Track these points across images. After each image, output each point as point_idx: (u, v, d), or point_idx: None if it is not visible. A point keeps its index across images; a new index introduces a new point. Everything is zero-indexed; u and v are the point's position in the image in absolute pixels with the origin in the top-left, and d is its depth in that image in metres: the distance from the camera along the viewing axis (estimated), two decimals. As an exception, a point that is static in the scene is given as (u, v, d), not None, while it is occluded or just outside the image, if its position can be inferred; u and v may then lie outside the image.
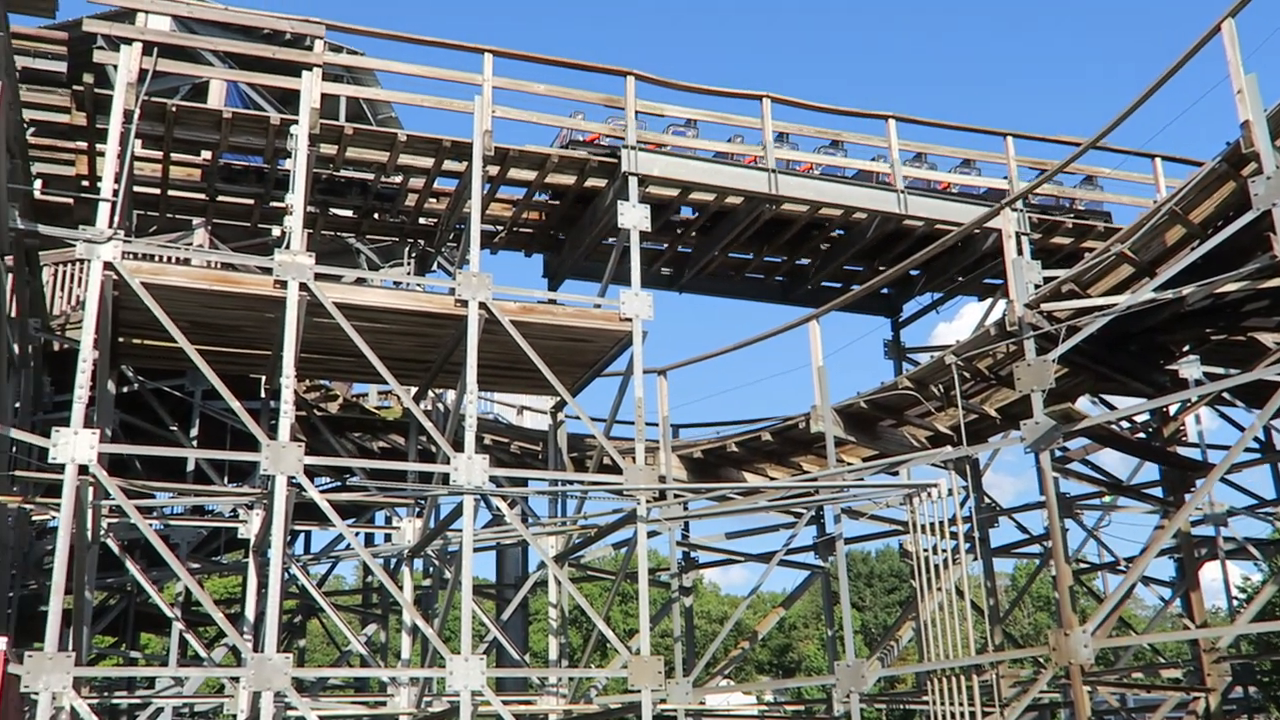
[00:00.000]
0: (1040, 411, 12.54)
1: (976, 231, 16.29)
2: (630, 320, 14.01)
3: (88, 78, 13.56)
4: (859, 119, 17.16)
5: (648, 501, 13.55)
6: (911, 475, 15.00)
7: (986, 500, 18.15)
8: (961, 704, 13.15)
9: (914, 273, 18.98)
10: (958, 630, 13.39)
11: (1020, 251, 13.91)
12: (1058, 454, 16.71)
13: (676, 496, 16.23)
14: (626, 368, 14.50)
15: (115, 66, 12.93)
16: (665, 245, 18.04)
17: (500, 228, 16.98)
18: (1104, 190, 18.41)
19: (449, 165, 15.07)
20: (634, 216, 14.52)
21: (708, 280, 19.25)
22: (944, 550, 13.84)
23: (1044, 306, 12.90)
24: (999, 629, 17.29)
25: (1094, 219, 18.05)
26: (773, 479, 17.72)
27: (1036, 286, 13.17)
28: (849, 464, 16.30)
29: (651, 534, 14.67)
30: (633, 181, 14.80)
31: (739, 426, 18.47)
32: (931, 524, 14.02)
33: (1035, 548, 19.68)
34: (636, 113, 15.20)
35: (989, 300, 19.63)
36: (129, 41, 13.04)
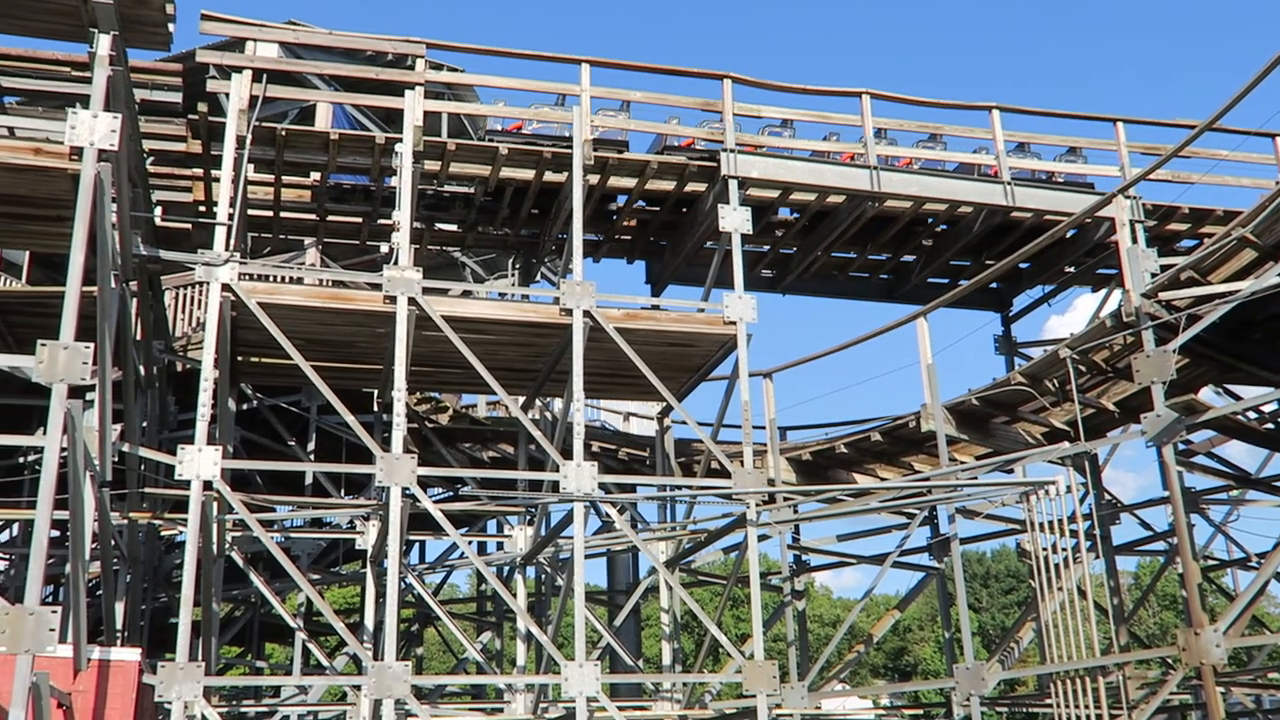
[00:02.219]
0: (1161, 404, 12.15)
1: (1088, 221, 15.86)
2: (734, 324, 13.97)
3: (202, 107, 14.03)
4: (960, 111, 16.85)
5: (757, 505, 13.48)
6: (1027, 473, 14.65)
7: (1107, 497, 17.66)
8: (1087, 707, 12.80)
9: (1023, 265, 18.56)
10: (1081, 631, 13.03)
11: (1135, 240, 13.52)
12: (1181, 447, 16.14)
13: (786, 499, 16.12)
14: (732, 371, 14.45)
15: (227, 95, 13.37)
16: (767, 247, 17.94)
17: (602, 236, 17.08)
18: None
19: (549, 176, 15.20)
20: (735, 219, 14.47)
21: (811, 281, 19.09)
22: (1064, 549, 13.49)
23: (1162, 295, 12.50)
24: (1124, 629, 16.78)
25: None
26: (883, 480, 17.48)
27: (1153, 275, 12.77)
28: (962, 463, 15.98)
29: (762, 538, 14.63)
30: (732, 185, 14.76)
31: (847, 427, 18.27)
32: (1050, 522, 13.69)
33: (1160, 545, 19.06)
34: (734, 115, 15.17)
35: (1103, 291, 19.08)
36: (239, 70, 13.48)
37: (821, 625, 59.59)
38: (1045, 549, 13.65)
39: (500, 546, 17.88)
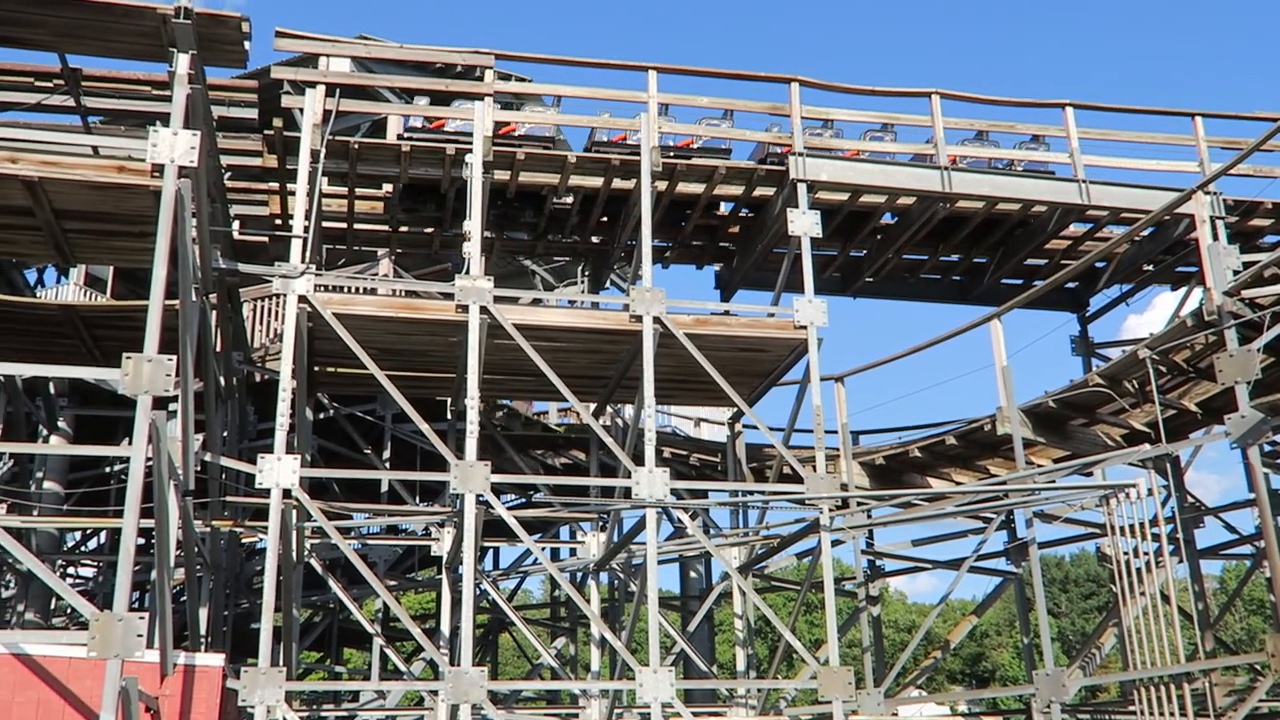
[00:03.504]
0: (1246, 404, 11.86)
1: (1167, 218, 15.53)
2: (804, 328, 13.91)
3: (277, 122, 14.32)
4: (1032, 109, 16.59)
5: (830, 510, 13.40)
6: (1107, 476, 14.38)
7: (1190, 499, 17.25)
8: (1172, 714, 12.52)
9: (1100, 264, 18.23)
10: (1164, 636, 12.75)
11: (1215, 236, 13.22)
12: (1267, 448, 15.72)
13: (859, 504, 16.00)
14: (803, 375, 14.38)
15: (301, 110, 13.62)
16: (837, 250, 17.83)
17: (671, 242, 17.10)
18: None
19: (618, 183, 15.26)
20: (804, 223, 14.41)
21: (882, 283, 18.92)
22: (1145, 553, 13.22)
23: (1245, 293, 12.20)
24: (1210, 634, 16.39)
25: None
26: (958, 484, 17.27)
27: (1235, 272, 12.47)
28: (1039, 466, 15.73)
29: (835, 543, 14.53)
30: (801, 188, 14.70)
31: (921, 431, 18.06)
32: (1131, 526, 13.42)
33: (1246, 548, 18.56)
34: (802, 118, 15.10)
35: (1183, 289, 18.67)
36: (313, 85, 13.73)
37: (896, 631, 58.99)
38: (1126, 553, 13.38)
39: (573, 552, 17.95)
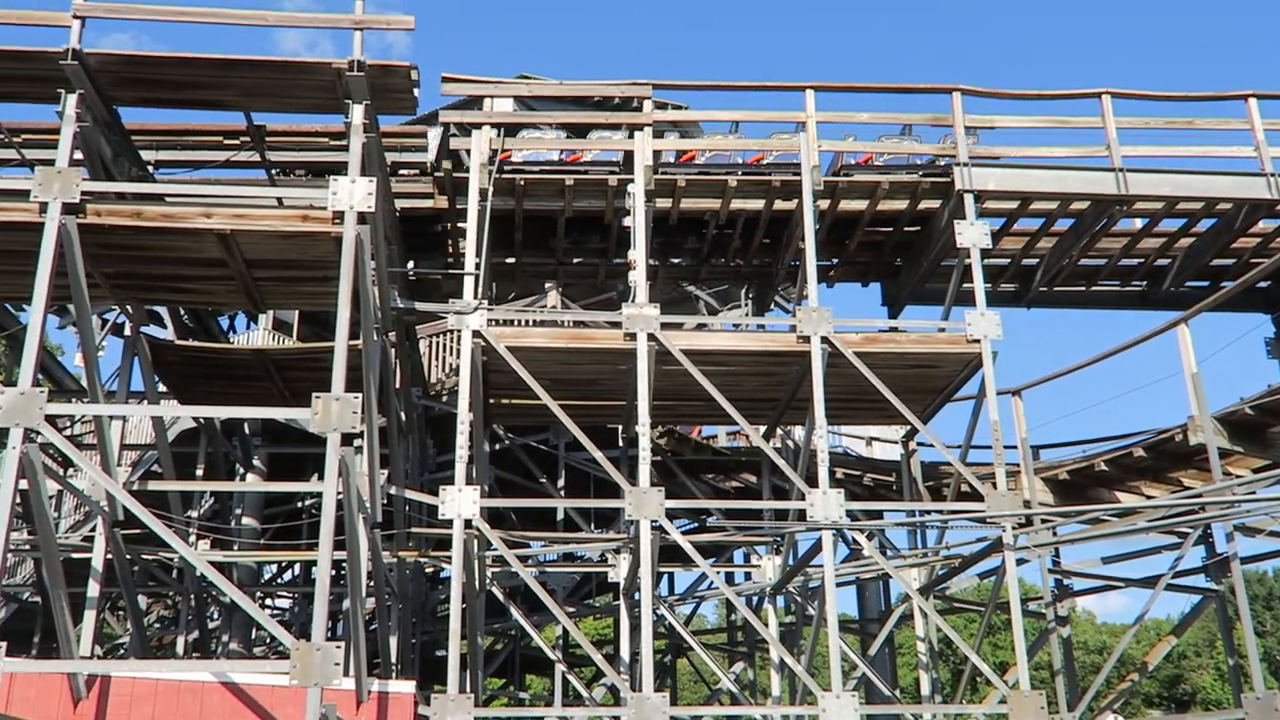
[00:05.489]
0: None
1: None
2: (978, 341, 13.56)
3: (446, 163, 14.79)
4: (1212, 103, 15.81)
5: (1014, 528, 12.98)
6: (1314, 485, 13.53)
7: None
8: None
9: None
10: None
11: None
12: None
13: (1044, 521, 15.45)
14: (978, 390, 14.00)
15: (468, 151, 14.05)
16: (1008, 260, 17.34)
17: (835, 260, 16.94)
18: None
19: (779, 205, 15.21)
20: (973, 234, 14.08)
21: (1056, 292, 18.29)
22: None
23: None
24: None
25: None
26: (1150, 497, 16.48)
27: None
28: (1237, 476, 14.89)
29: (1020, 562, 14.06)
30: (968, 199, 14.36)
31: (1106, 444, 17.32)
32: (1344, 538, 12.58)
33: None
34: (966, 128, 14.77)
35: (1389, 284, 17.47)
36: (478, 126, 14.16)
37: (1086, 652, 56.54)
38: (1341, 567, 12.54)
39: (748, 576, 17.87)
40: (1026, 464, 16.82)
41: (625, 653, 14.84)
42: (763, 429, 16.01)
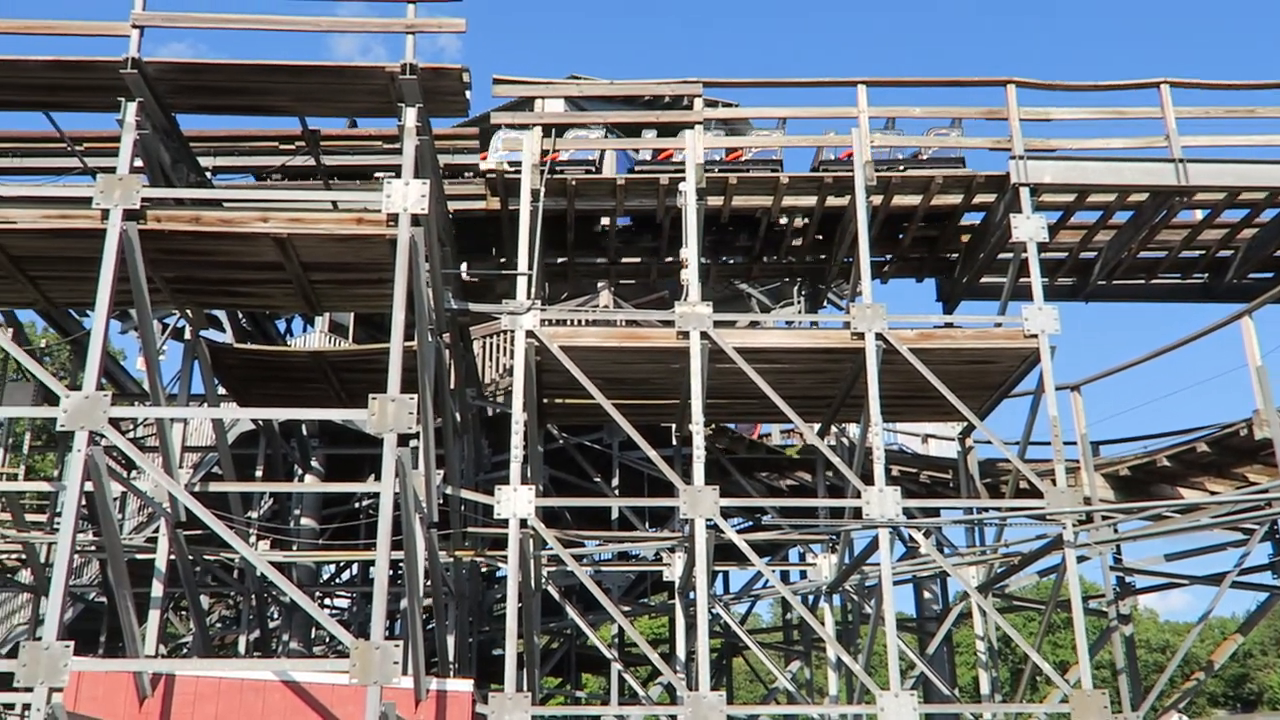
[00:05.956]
0: None
1: None
2: (1035, 336, 13.38)
3: (499, 164, 14.85)
4: (1273, 91, 15.46)
5: (1074, 525, 12.80)
6: (1386, 479, 13.20)
7: None
8: None
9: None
10: None
11: None
12: None
13: (1105, 518, 15.21)
14: (1036, 386, 13.81)
15: (520, 151, 14.12)
16: (1065, 254, 17.09)
17: (889, 256, 16.80)
18: None
19: (832, 201, 15.11)
20: (1029, 228, 13.89)
21: (1115, 285, 18.00)
22: None
23: None
24: None
25: None
26: (1214, 493, 16.17)
27: None
28: (1305, 471, 14.58)
29: (1080, 559, 13.85)
30: (1024, 192, 14.18)
31: (1168, 439, 17.02)
32: None
33: None
34: (1021, 120, 14.58)
35: None
36: (529, 127, 14.21)
37: (1148, 651, 55.66)
38: None
39: (803, 575, 17.77)
40: (1086, 460, 16.57)
41: (681, 651, 14.82)
42: (817, 426, 15.92)
